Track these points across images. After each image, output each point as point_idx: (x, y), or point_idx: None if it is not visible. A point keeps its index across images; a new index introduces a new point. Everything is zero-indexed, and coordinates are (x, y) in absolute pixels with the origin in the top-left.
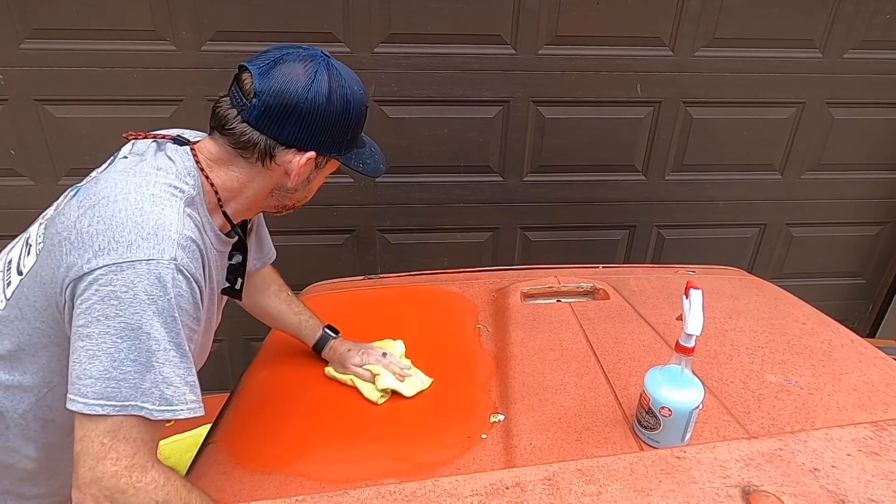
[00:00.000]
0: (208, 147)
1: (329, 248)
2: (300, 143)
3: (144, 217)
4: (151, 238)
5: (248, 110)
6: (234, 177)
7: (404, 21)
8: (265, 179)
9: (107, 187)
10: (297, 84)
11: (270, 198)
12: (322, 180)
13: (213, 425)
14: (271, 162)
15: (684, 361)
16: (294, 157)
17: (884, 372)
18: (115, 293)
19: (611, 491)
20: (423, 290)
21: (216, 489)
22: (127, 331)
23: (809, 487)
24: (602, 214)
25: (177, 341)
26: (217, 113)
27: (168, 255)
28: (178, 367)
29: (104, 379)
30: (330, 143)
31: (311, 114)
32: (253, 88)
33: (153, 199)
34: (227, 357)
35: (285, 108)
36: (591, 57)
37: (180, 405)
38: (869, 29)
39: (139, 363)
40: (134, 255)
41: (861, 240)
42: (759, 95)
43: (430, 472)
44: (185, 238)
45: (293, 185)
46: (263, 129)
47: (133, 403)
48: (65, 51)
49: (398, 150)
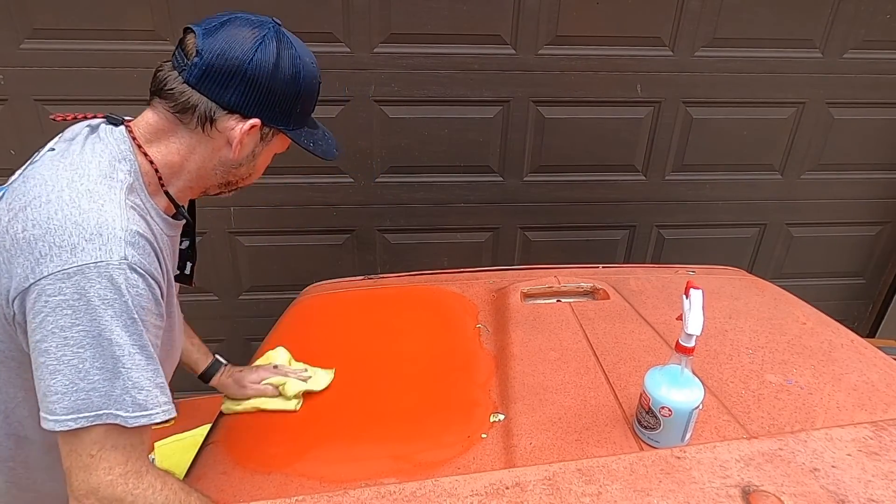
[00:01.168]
0: (147, 119)
1: (329, 248)
2: (244, 109)
3: (84, 216)
4: (96, 239)
5: (188, 70)
6: (175, 149)
7: (404, 21)
8: (207, 149)
9: (36, 186)
10: (243, 45)
11: (214, 173)
12: (269, 158)
13: (213, 425)
14: (212, 128)
15: (684, 361)
16: (237, 124)
17: (884, 372)
18: (67, 302)
19: (611, 491)
20: (423, 290)
21: (216, 489)
22: (87, 339)
23: (809, 487)
24: (602, 214)
25: (140, 343)
26: (157, 76)
27: (117, 254)
28: (146, 370)
29: (71, 392)
30: (277, 114)
31: (257, 78)
32: (195, 47)
33: (90, 194)
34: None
35: (228, 68)
36: (591, 57)
37: (154, 409)
38: (869, 29)
39: (106, 370)
40: (80, 260)
41: (861, 240)
42: (759, 95)
43: (429, 471)
44: (133, 234)
45: (236, 156)
46: (204, 91)
47: (107, 412)
48: (65, 51)
49: (398, 150)
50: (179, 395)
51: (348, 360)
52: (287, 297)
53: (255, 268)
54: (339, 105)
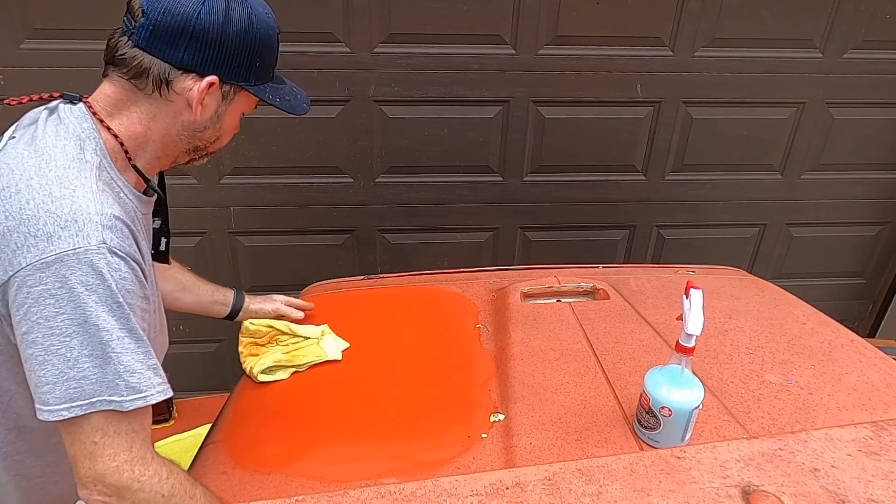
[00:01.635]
0: (105, 91)
1: (329, 248)
2: (199, 67)
3: (56, 204)
4: (71, 225)
5: (137, 32)
6: (137, 119)
7: (404, 21)
8: (167, 115)
9: (3, 176)
10: (188, 1)
11: (179, 140)
12: (235, 119)
13: (213, 425)
14: (168, 90)
15: (684, 361)
16: (194, 83)
17: (884, 372)
18: (48, 291)
19: (611, 491)
20: (423, 290)
21: (216, 489)
22: (73, 327)
23: (809, 487)
24: (602, 214)
25: (128, 327)
26: (109, 44)
27: (95, 239)
28: (136, 352)
29: (62, 381)
30: (235, 69)
31: (207, 32)
32: (140, 8)
33: (60, 181)
34: (227, 357)
35: (176, 25)
36: (591, 57)
37: (148, 390)
38: (869, 29)
39: (95, 357)
40: (57, 248)
41: (861, 240)
42: (759, 95)
43: (429, 471)
44: (108, 217)
45: (198, 118)
46: (155, 52)
47: (100, 398)
48: (65, 51)
49: (398, 150)
50: (179, 395)
51: (348, 360)
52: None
53: (255, 268)
54: (339, 105)
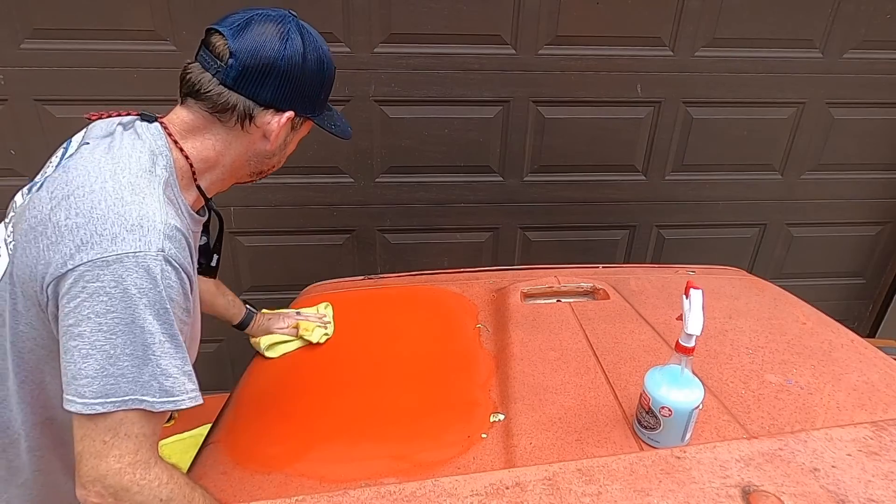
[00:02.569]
0: (181, 117)
1: (329, 248)
2: (278, 103)
3: (126, 208)
4: (137, 230)
5: (223, 72)
6: (210, 145)
7: (404, 21)
8: (242, 144)
9: (79, 176)
10: (273, 42)
11: (247, 165)
12: (296, 144)
13: (213, 425)
14: (251, 124)
15: (684, 361)
16: (273, 117)
17: (884, 372)
18: (104, 289)
19: (611, 491)
20: (423, 290)
21: (216, 489)
22: (121, 326)
23: (809, 487)
24: (602, 214)
25: (171, 332)
26: (188, 79)
27: (155, 246)
28: (175, 357)
29: (101, 377)
30: (306, 103)
31: (289, 72)
32: (227, 49)
33: (132, 187)
34: (226, 357)
35: (263, 67)
36: (591, 57)
37: (181, 395)
38: (869, 29)
39: (135, 357)
40: (120, 249)
41: (861, 240)
42: (759, 95)
43: (429, 471)
44: (171, 227)
45: (272, 147)
46: (242, 90)
47: (133, 397)
48: (65, 51)
49: (398, 150)
50: None
51: (348, 360)
52: (287, 297)
53: (255, 268)
54: (340, 105)
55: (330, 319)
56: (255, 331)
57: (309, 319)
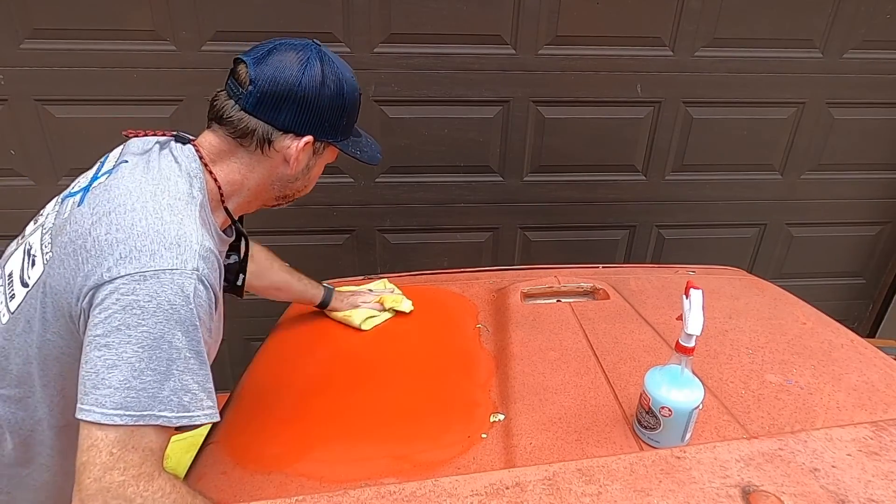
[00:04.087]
0: (209, 140)
1: (329, 248)
2: (297, 128)
3: (165, 227)
4: (174, 248)
5: (244, 98)
6: (236, 168)
7: (404, 21)
8: (265, 168)
9: (121, 195)
10: (291, 69)
11: (272, 188)
12: (321, 169)
13: (213, 425)
14: (269, 148)
15: (684, 361)
16: (292, 142)
17: (884, 372)
18: (138, 302)
19: (611, 491)
20: (423, 290)
21: (216, 489)
22: (149, 340)
23: (809, 487)
24: (602, 214)
25: (197, 349)
26: (215, 105)
27: (191, 265)
28: (197, 374)
29: (124, 389)
30: (327, 128)
31: (306, 97)
32: (248, 77)
33: (171, 208)
34: (227, 357)
35: (280, 92)
36: (591, 57)
37: (197, 411)
38: (869, 29)
39: (158, 372)
40: (158, 265)
41: (861, 240)
42: (759, 95)
43: (430, 471)
44: (206, 249)
45: (293, 171)
46: (260, 115)
47: (151, 413)
48: (65, 51)
49: (398, 150)
50: None
51: (348, 360)
52: None
53: None
54: None
55: (399, 291)
56: (340, 305)
57: (384, 294)
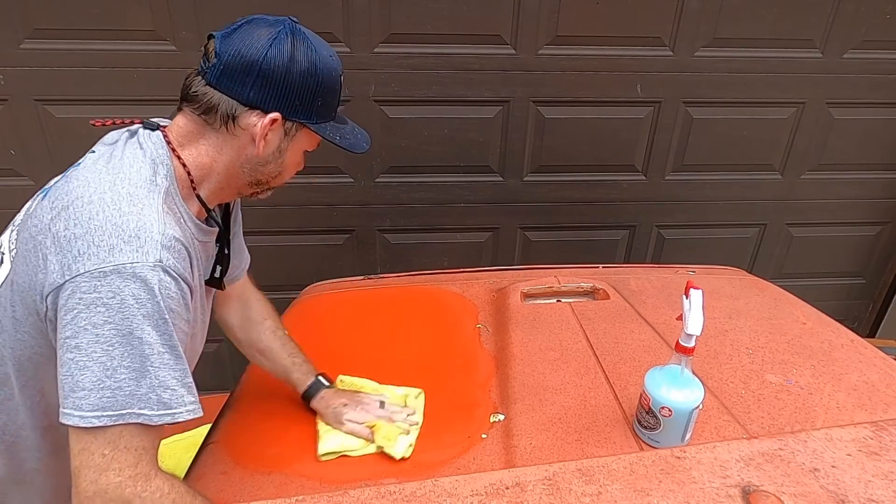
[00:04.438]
0: (178, 124)
1: (329, 248)
2: (263, 104)
3: (124, 218)
4: (133, 241)
5: (210, 72)
6: (204, 151)
7: (404, 21)
8: (233, 149)
9: (79, 186)
10: (258, 42)
11: (242, 172)
12: (297, 156)
13: (213, 425)
14: (234, 125)
15: (684, 361)
16: (258, 119)
17: (884, 372)
18: (101, 300)
19: (611, 491)
20: (423, 290)
21: (216, 489)
22: (118, 337)
23: (809, 487)
24: (602, 214)
25: (170, 343)
26: (185, 83)
27: (153, 257)
28: (174, 369)
29: (98, 389)
30: (298, 108)
31: (272, 72)
32: (214, 50)
33: (130, 198)
34: (227, 357)
35: (244, 65)
36: (591, 57)
37: (179, 408)
38: (869, 29)
39: (133, 369)
40: (117, 260)
41: (861, 240)
42: (759, 95)
43: (430, 472)
44: (169, 238)
45: (260, 152)
46: (224, 89)
47: (130, 411)
48: (65, 51)
49: (398, 150)
50: None
51: (348, 361)
52: (287, 297)
53: (255, 268)
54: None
55: (419, 419)
56: (322, 409)
57: (393, 417)
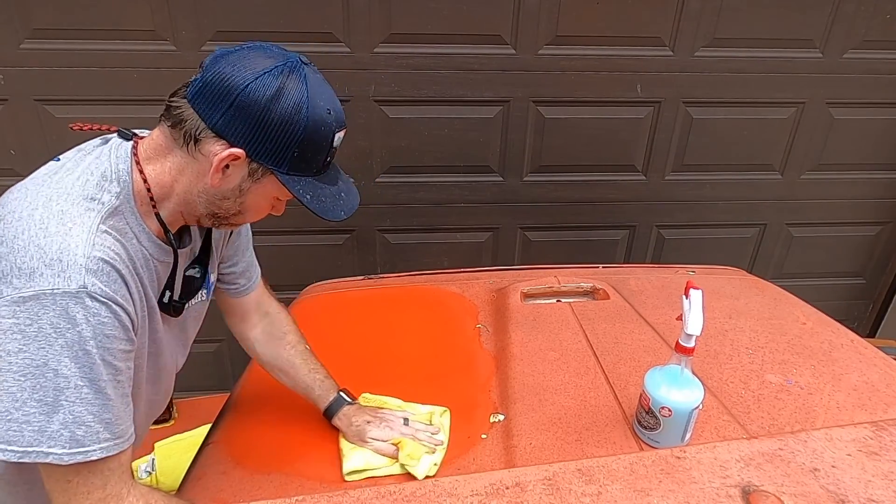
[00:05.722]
0: (152, 136)
1: (329, 248)
2: (230, 136)
3: (48, 240)
4: (55, 265)
5: (191, 85)
6: (168, 168)
7: (404, 21)
8: (193, 173)
9: (16, 199)
10: (246, 71)
11: (198, 201)
12: (262, 199)
13: (213, 425)
14: (196, 149)
15: (684, 361)
16: (220, 149)
17: (884, 372)
18: (18, 326)
19: (611, 491)
20: (423, 290)
21: (216, 489)
22: (31, 368)
23: (809, 487)
24: (602, 214)
25: (90, 377)
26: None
27: (75, 283)
28: (92, 404)
29: (4, 420)
30: (268, 151)
31: (248, 105)
32: (202, 63)
33: (61, 216)
34: (227, 357)
35: (222, 89)
36: (591, 57)
37: (93, 445)
38: (869, 29)
39: (44, 403)
40: (37, 286)
41: (861, 240)
42: (759, 95)
43: None
44: (95, 260)
45: (214, 183)
46: (196, 107)
47: (37, 449)
48: (65, 51)
49: (398, 150)
50: (179, 395)
51: (348, 361)
52: (287, 297)
53: None
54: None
55: (444, 438)
56: (345, 427)
57: (417, 436)
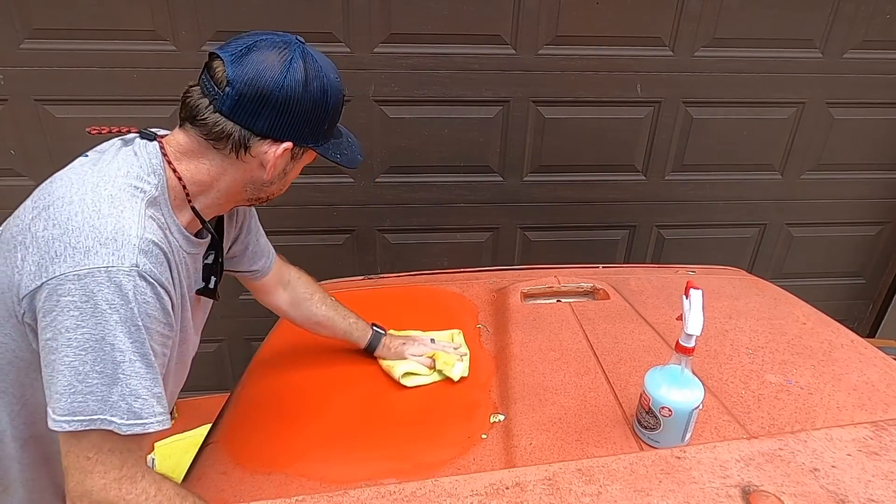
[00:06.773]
0: (178, 139)
1: (329, 248)
2: (276, 134)
3: (102, 220)
4: (110, 243)
5: (220, 100)
6: (205, 169)
7: (404, 21)
8: (238, 172)
9: (62, 187)
10: (272, 71)
11: (244, 191)
12: (297, 173)
13: (213, 425)
14: (246, 153)
15: (684, 361)
16: (270, 147)
17: (884, 372)
18: (74, 303)
19: (611, 491)
20: (423, 290)
21: (216, 489)
22: (90, 342)
23: (809, 487)
24: (602, 214)
25: (142, 351)
26: (187, 103)
27: (129, 261)
28: (145, 378)
29: (69, 393)
30: (307, 134)
31: (287, 103)
32: (226, 77)
33: (111, 199)
34: (227, 357)
35: (260, 97)
36: (591, 57)
37: (149, 418)
38: (869, 29)
39: (105, 375)
40: (92, 263)
41: (861, 240)
42: (759, 95)
43: (430, 472)
44: (147, 242)
45: (269, 177)
46: (237, 120)
47: (101, 417)
48: (65, 51)
49: (398, 150)
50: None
51: (348, 361)
52: None
53: None
54: None
55: (466, 350)
56: (386, 353)
57: (446, 350)
